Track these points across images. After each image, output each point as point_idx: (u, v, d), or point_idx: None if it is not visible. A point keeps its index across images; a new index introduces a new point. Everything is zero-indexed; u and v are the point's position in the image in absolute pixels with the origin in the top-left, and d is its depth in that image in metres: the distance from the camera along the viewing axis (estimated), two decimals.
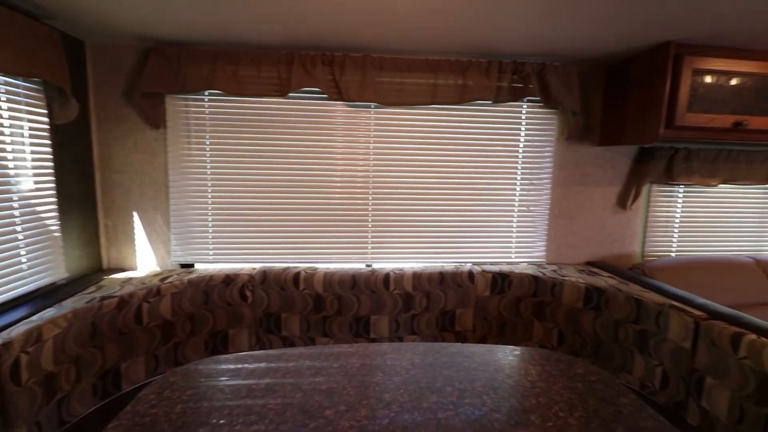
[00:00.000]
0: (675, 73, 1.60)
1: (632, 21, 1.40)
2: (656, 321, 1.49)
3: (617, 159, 2.03)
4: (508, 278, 1.82)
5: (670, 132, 1.63)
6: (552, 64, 1.83)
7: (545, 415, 0.88)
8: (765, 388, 1.16)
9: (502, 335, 1.85)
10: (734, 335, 1.24)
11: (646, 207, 2.10)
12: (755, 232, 2.22)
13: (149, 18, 1.45)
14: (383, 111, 1.91)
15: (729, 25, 1.42)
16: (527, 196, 2.02)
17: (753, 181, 2.03)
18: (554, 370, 1.08)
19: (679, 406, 1.43)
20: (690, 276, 1.82)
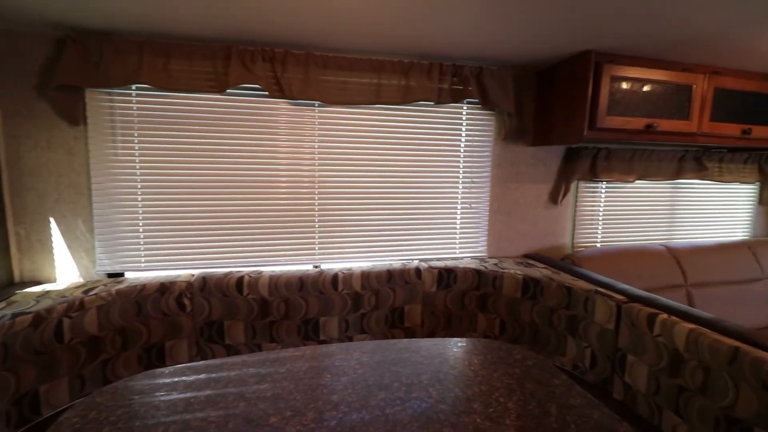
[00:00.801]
0: (595, 80, 1.75)
1: (557, 31, 1.52)
2: (584, 306, 1.62)
3: (548, 158, 2.18)
4: (453, 273, 1.89)
5: (593, 133, 1.78)
6: (489, 68, 1.92)
7: (487, 402, 0.93)
8: (676, 362, 1.31)
9: (449, 328, 1.91)
10: (649, 316, 1.39)
11: (574, 202, 2.28)
12: (666, 223, 2.49)
13: (64, 4, 1.31)
14: (328, 110, 1.89)
15: (639, 38, 1.58)
16: (469, 193, 2.11)
17: (663, 177, 2.28)
18: (495, 358, 1.14)
19: (606, 383, 1.57)
20: (612, 264, 2.01)
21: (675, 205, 2.49)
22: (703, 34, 1.52)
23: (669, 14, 1.35)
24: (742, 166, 2.42)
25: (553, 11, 1.34)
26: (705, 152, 2.35)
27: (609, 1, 1.25)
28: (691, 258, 2.16)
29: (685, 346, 1.27)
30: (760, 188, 2.63)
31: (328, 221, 1.96)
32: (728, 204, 2.61)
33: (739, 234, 2.65)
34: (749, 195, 2.64)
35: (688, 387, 1.26)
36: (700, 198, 2.54)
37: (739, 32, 1.50)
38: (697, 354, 1.23)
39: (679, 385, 1.29)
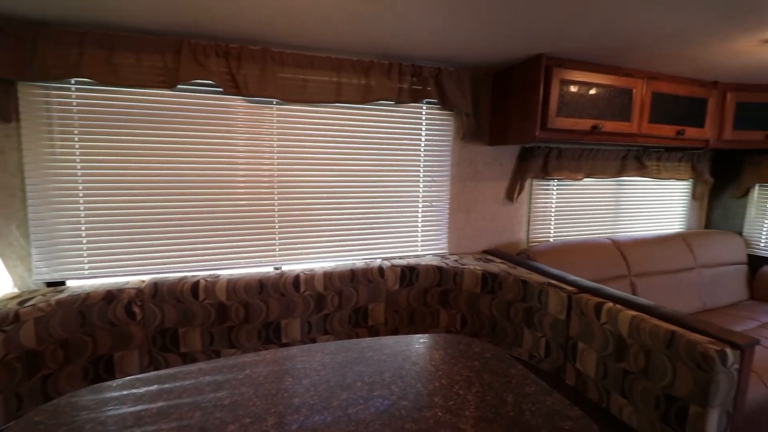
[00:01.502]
0: (546, 82, 1.83)
1: (511, 35, 1.58)
2: (539, 298, 1.70)
3: (504, 157, 2.27)
4: (416, 270, 1.92)
5: (544, 133, 1.87)
6: (447, 69, 1.97)
7: (447, 395, 0.95)
8: (621, 347, 1.40)
9: (412, 325, 1.94)
10: (597, 305, 1.48)
11: (528, 199, 2.38)
12: (611, 217, 2.67)
13: None
14: (287, 108, 1.85)
15: (586, 44, 1.67)
16: (430, 192, 2.15)
17: (608, 175, 2.44)
18: (455, 353, 1.17)
19: (560, 370, 1.65)
20: (564, 257, 2.12)
21: (619, 200, 2.66)
22: (642, 42, 1.63)
23: (611, 23, 1.44)
24: (677, 164, 2.64)
25: (507, 17, 1.39)
26: (645, 151, 2.53)
27: (558, 9, 1.32)
28: (633, 250, 2.32)
29: (628, 332, 1.36)
30: (693, 184, 2.87)
31: (289, 222, 1.92)
32: (666, 199, 2.84)
33: (675, 227, 2.89)
34: (684, 191, 2.88)
35: (631, 370, 1.36)
36: (641, 194, 2.73)
37: (672, 41, 1.63)
38: (639, 339, 1.33)
39: (624, 368, 1.39)
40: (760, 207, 2.69)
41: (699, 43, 1.65)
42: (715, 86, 2.24)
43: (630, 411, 1.37)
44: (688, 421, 1.20)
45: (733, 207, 2.82)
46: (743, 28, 1.48)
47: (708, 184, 2.85)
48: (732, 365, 1.15)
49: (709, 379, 1.14)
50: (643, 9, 1.33)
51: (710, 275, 2.51)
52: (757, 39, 1.59)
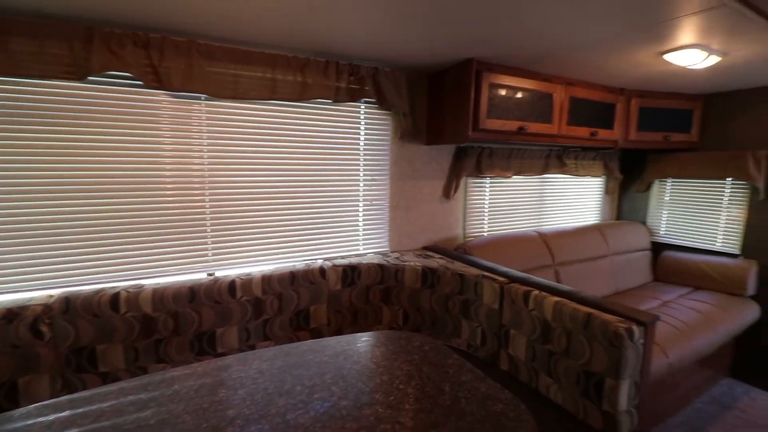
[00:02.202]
0: (477, 85, 1.93)
1: (442, 39, 1.63)
2: (474, 290, 1.79)
3: (441, 156, 2.35)
4: (358, 269, 1.92)
5: (476, 134, 1.97)
6: (384, 69, 1.99)
7: (388, 391, 0.96)
8: (546, 331, 1.52)
9: (356, 324, 1.94)
10: (525, 293, 1.59)
11: (464, 196, 2.50)
12: (537, 212, 2.88)
13: None
14: (217, 104, 1.75)
15: (511, 50, 1.79)
16: (370, 190, 2.16)
17: (534, 173, 2.63)
18: (396, 348, 1.19)
19: (494, 357, 1.75)
20: (497, 250, 2.25)
21: (544, 196, 2.89)
22: (558, 50, 1.78)
23: (531, 32, 1.55)
24: (592, 163, 2.92)
25: (438, 22, 1.44)
26: (564, 151, 2.77)
27: (484, 17, 1.39)
28: (556, 241, 2.53)
29: (552, 316, 1.48)
30: (605, 180, 3.20)
31: (222, 224, 1.82)
32: (583, 194, 3.13)
33: (591, 219, 3.20)
34: (598, 186, 3.20)
35: (555, 351, 1.48)
36: (562, 190, 2.99)
37: (584, 51, 1.79)
38: (562, 322, 1.45)
39: (549, 350, 1.51)
40: (659, 199, 3.08)
41: (606, 54, 1.84)
42: (622, 93, 2.51)
43: (555, 389, 1.50)
44: (604, 394, 1.33)
45: (638, 200, 3.19)
46: (642, 42, 1.67)
47: (618, 180, 3.19)
48: (638, 340, 1.30)
49: (619, 354, 1.28)
50: (557, 22, 1.45)
51: (621, 261, 2.81)
52: (654, 52, 1.80)
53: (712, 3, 1.29)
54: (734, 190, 2.65)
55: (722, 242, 2.72)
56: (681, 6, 1.32)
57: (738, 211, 2.63)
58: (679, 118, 2.68)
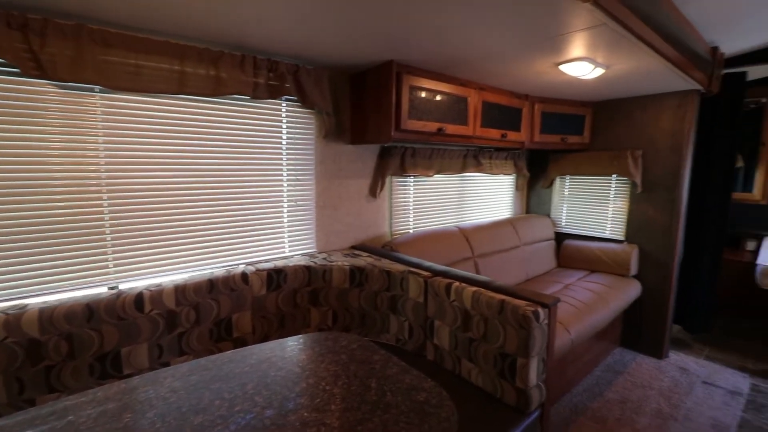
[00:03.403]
0: (398, 87, 1.98)
1: (362, 40, 1.65)
2: (401, 286, 1.84)
3: (366, 155, 2.38)
4: (283, 272, 1.86)
5: (399, 134, 2.02)
6: (305, 67, 1.95)
7: (313, 394, 0.95)
8: (466, 319, 1.62)
9: (283, 329, 1.88)
10: (447, 285, 1.68)
11: (390, 194, 2.55)
12: (458, 208, 3.05)
13: None
14: (116, 97, 1.57)
15: (429, 54, 1.86)
16: (294, 191, 2.11)
17: (453, 171, 2.78)
18: (323, 350, 1.18)
19: (421, 348, 1.82)
20: (422, 246, 2.34)
21: (463, 193, 3.07)
22: (469, 57, 1.90)
23: (443, 38, 1.63)
24: (504, 162, 3.17)
25: (356, 23, 1.45)
26: (480, 151, 2.97)
27: (399, 21, 1.43)
28: (475, 235, 2.71)
29: (471, 305, 1.58)
30: (515, 178, 3.50)
31: (126, 231, 1.64)
32: (497, 191, 3.39)
33: (505, 213, 3.48)
34: (509, 183, 3.49)
35: (475, 337, 1.59)
36: (479, 187, 3.21)
37: (491, 59, 1.93)
38: (479, 310, 1.56)
39: (469, 337, 1.61)
40: (560, 194, 3.45)
41: (511, 63, 2.00)
42: (527, 98, 2.77)
43: (476, 372, 1.60)
44: (516, 372, 1.46)
45: (543, 195, 3.55)
46: (540, 53, 1.86)
47: (526, 178, 3.51)
48: (543, 321, 1.45)
49: (528, 335, 1.41)
50: (465, 31, 1.55)
51: (530, 251, 3.10)
52: (551, 62, 2.01)
53: (595, 22, 1.47)
54: (618, 184, 3.08)
55: (610, 230, 3.15)
56: (571, 23, 1.50)
57: (622, 202, 3.06)
58: (573, 122, 3.03)
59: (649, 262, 2.91)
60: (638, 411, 2.27)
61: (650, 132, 2.83)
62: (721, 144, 2.87)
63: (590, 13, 1.38)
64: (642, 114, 2.86)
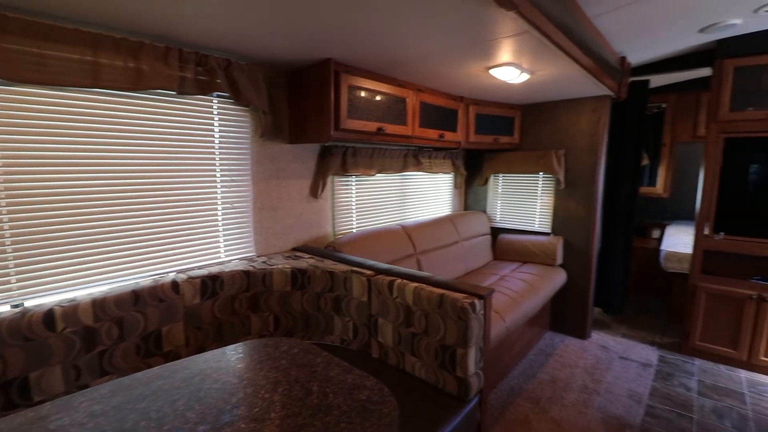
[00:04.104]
0: (336, 86, 1.97)
1: (294, 37, 1.61)
2: (344, 286, 1.83)
3: (305, 155, 2.33)
4: (219, 279, 1.77)
5: (338, 133, 2.01)
6: (238, 62, 1.86)
7: (251, 403, 0.91)
8: (408, 315, 1.65)
9: (221, 338, 1.79)
10: (389, 283, 1.70)
11: (332, 194, 2.53)
12: (400, 206, 3.11)
13: None
14: (15, 90, 1.39)
15: (367, 55, 1.87)
16: (230, 192, 2.01)
17: (394, 170, 2.82)
18: (262, 357, 1.14)
19: (366, 347, 1.83)
20: (365, 245, 2.35)
21: (405, 192, 3.14)
22: (404, 58, 1.94)
23: (376, 39, 1.65)
24: (443, 161, 3.29)
25: (289, 18, 1.41)
26: (420, 151, 3.05)
27: (335, 19, 1.42)
28: (417, 232, 2.78)
29: (412, 300, 1.62)
30: (454, 176, 3.64)
31: (30, 241, 1.45)
32: (437, 189, 3.51)
33: (445, 210, 3.61)
34: (449, 182, 3.62)
35: (417, 332, 1.63)
36: (420, 185, 3.30)
37: (425, 61, 1.99)
38: (421, 305, 1.60)
39: (412, 332, 1.65)
40: (494, 191, 3.66)
41: (445, 66, 2.08)
42: (462, 100, 2.89)
43: (420, 366, 1.65)
44: (456, 362, 1.52)
45: (480, 192, 3.74)
46: (471, 57, 1.95)
47: (463, 176, 3.67)
48: (479, 311, 1.53)
49: (466, 325, 1.48)
50: (398, 32, 1.57)
51: (469, 246, 3.25)
52: (482, 66, 2.12)
53: (519, 30, 1.58)
54: (545, 181, 3.33)
55: (539, 224, 3.40)
56: (498, 30, 1.59)
57: (548, 198, 3.31)
58: (504, 123, 3.22)
59: (572, 252, 3.19)
60: (566, 388, 2.49)
61: (571, 133, 3.10)
62: (629, 144, 3.22)
63: (514, 22, 1.47)
64: (563, 116, 3.13)
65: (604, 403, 2.33)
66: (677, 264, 3.30)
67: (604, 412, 2.25)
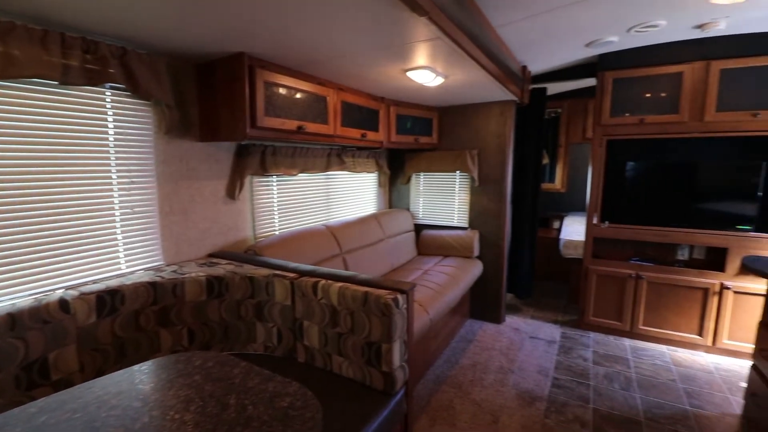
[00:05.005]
0: (251, 82, 1.87)
1: (197, 28, 1.50)
2: (266, 291, 1.76)
3: (220, 154, 2.19)
4: (120, 293, 1.58)
5: (255, 131, 1.92)
6: (136, 51, 1.68)
7: (159, 427, 0.83)
8: (334, 315, 1.64)
9: (124, 359, 1.60)
10: (313, 284, 1.68)
11: (251, 195, 2.41)
12: (325, 206, 3.08)
13: None
14: None
15: (284, 51, 1.80)
16: (129, 196, 1.81)
17: (318, 170, 2.78)
18: (171, 375, 1.04)
19: (292, 351, 1.78)
20: (288, 247, 2.28)
21: (330, 192, 3.11)
22: (325, 56, 1.92)
23: (288, 34, 1.61)
24: (366, 160, 3.32)
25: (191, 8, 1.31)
26: (343, 150, 3.04)
27: (241, 9, 1.35)
28: (343, 232, 2.78)
29: (338, 300, 1.62)
30: (378, 176, 3.70)
31: None
32: (362, 188, 3.54)
33: (370, 209, 3.66)
34: (373, 181, 3.67)
35: (343, 332, 1.63)
36: (345, 185, 3.29)
37: (347, 60, 1.99)
38: (345, 304, 1.60)
39: (338, 332, 1.64)
40: (416, 189, 3.80)
41: (364, 66, 2.10)
42: (383, 101, 2.95)
43: (347, 365, 1.65)
44: (382, 357, 1.55)
45: (403, 191, 3.85)
46: (389, 59, 1.99)
47: (387, 175, 3.76)
48: (402, 306, 1.57)
49: (390, 321, 1.51)
50: (313, 29, 1.55)
51: (394, 243, 3.34)
52: (399, 69, 2.18)
53: (431, 35, 1.65)
54: (461, 179, 3.54)
55: (458, 219, 3.61)
56: (412, 34, 1.64)
57: (465, 195, 3.53)
58: (424, 124, 3.36)
59: (487, 244, 3.45)
60: (485, 370, 2.68)
61: (483, 134, 3.34)
62: (532, 145, 3.57)
63: (426, 27, 1.54)
64: (476, 119, 3.36)
65: (517, 380, 2.56)
66: (573, 250, 3.74)
67: (517, 389, 2.47)
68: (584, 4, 2.01)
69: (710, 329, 2.86)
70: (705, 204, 2.96)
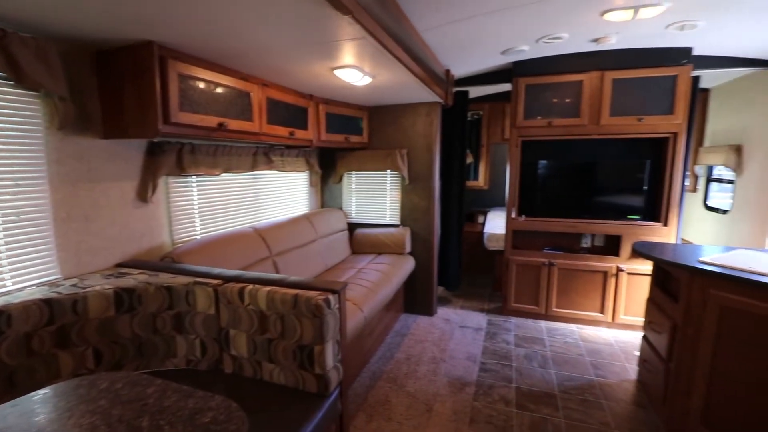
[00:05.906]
0: (163, 74, 1.71)
1: (98, 10, 1.34)
2: (186, 300, 1.64)
3: (128, 152, 1.98)
4: (5, 314, 1.35)
5: (170, 128, 1.76)
6: (20, 34, 1.45)
7: None
8: (263, 321, 1.58)
9: (13, 389, 1.38)
10: (239, 290, 1.60)
11: (167, 198, 2.21)
12: (252, 208, 2.94)
13: None
14: None
15: (200, 41, 1.68)
16: (13, 201, 1.56)
17: (243, 170, 2.64)
18: (71, 402, 0.92)
19: (218, 363, 1.68)
20: (212, 252, 2.14)
21: (257, 192, 2.98)
22: (247, 49, 1.82)
23: (215, 26, 1.51)
24: (296, 159, 3.24)
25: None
26: (270, 148, 2.93)
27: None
28: (272, 234, 2.68)
29: (266, 305, 1.56)
30: (309, 175, 3.63)
31: None
32: (293, 188, 3.44)
33: (302, 209, 3.58)
34: (304, 180, 3.59)
35: (273, 337, 1.57)
36: (274, 185, 3.18)
37: (271, 55, 1.92)
38: (275, 309, 1.55)
39: (268, 338, 1.58)
40: (348, 188, 3.80)
41: (289, 62, 2.04)
42: (312, 99, 2.89)
43: (278, 371, 1.60)
44: (314, 360, 1.53)
45: (335, 190, 3.83)
46: (315, 56, 1.96)
47: (318, 174, 3.70)
48: (334, 306, 1.56)
49: (321, 322, 1.50)
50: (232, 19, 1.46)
51: (327, 243, 3.31)
52: (326, 67, 2.15)
53: (356, 35, 1.66)
54: (392, 178, 3.62)
55: (390, 217, 3.68)
56: (337, 32, 1.63)
57: (396, 193, 3.61)
58: (354, 123, 3.37)
59: (418, 240, 3.57)
60: (419, 362, 2.77)
61: (411, 134, 3.44)
62: (456, 145, 3.76)
63: (351, 26, 1.54)
64: (404, 119, 3.45)
65: (449, 369, 2.69)
66: (496, 243, 4.03)
67: (449, 377, 2.60)
68: (500, 14, 2.16)
69: (610, 307, 3.27)
70: (602, 197, 3.36)
